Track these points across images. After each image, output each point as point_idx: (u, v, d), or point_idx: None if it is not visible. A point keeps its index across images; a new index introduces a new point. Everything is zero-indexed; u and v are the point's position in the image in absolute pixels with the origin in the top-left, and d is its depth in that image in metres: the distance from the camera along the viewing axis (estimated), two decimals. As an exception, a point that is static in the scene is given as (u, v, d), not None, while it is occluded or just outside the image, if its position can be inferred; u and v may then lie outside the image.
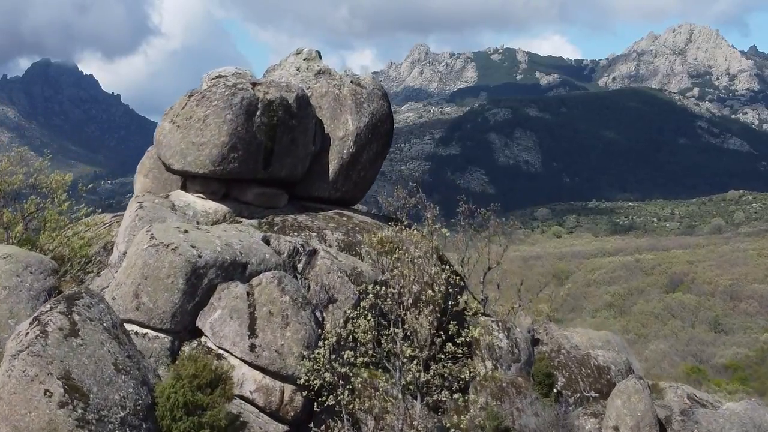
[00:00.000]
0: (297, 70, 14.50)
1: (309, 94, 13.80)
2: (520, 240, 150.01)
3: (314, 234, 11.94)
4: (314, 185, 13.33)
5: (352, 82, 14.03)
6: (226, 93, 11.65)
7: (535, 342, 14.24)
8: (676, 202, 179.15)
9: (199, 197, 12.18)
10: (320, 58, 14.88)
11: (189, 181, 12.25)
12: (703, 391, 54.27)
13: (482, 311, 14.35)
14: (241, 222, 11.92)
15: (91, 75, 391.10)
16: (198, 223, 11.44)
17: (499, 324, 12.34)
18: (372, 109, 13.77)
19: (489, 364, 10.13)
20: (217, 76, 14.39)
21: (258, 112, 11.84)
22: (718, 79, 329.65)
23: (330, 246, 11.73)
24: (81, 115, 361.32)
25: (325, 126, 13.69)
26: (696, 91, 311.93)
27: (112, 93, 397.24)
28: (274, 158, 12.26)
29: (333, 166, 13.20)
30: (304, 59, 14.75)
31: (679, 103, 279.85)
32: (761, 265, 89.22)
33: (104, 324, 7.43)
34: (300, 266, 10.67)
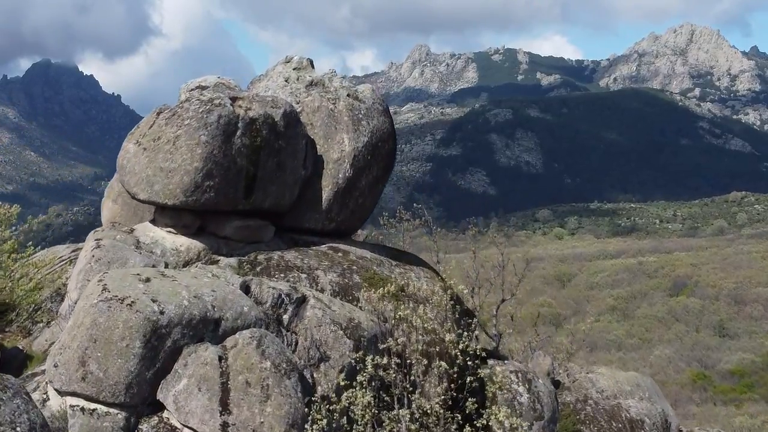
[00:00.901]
0: (285, 81, 12.42)
1: (299, 110, 11.84)
2: (522, 242, 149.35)
3: (304, 275, 10.08)
4: (305, 215, 11.38)
5: (348, 95, 11.99)
6: (201, 110, 9.83)
7: (556, 384, 12.63)
8: (678, 203, 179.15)
9: (170, 232, 10.24)
10: (312, 67, 12.89)
11: (158, 212, 10.44)
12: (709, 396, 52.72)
13: (496, 350, 12.75)
14: (218, 261, 10.09)
15: (91, 75, 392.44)
16: (167, 264, 9.64)
17: (519, 375, 10.62)
18: (372, 127, 11.71)
19: (508, 423, 8.45)
20: (196, 87, 12.66)
21: (238, 133, 10.01)
22: (719, 79, 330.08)
23: (323, 290, 9.90)
24: (81, 116, 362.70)
25: (317, 147, 11.67)
26: (697, 91, 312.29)
27: (113, 93, 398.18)
28: (258, 186, 10.40)
29: (327, 193, 11.29)
30: (294, 69, 12.65)
31: (680, 103, 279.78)
32: (766, 268, 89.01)
33: (17, 430, 5.60)
34: (286, 318, 8.88)
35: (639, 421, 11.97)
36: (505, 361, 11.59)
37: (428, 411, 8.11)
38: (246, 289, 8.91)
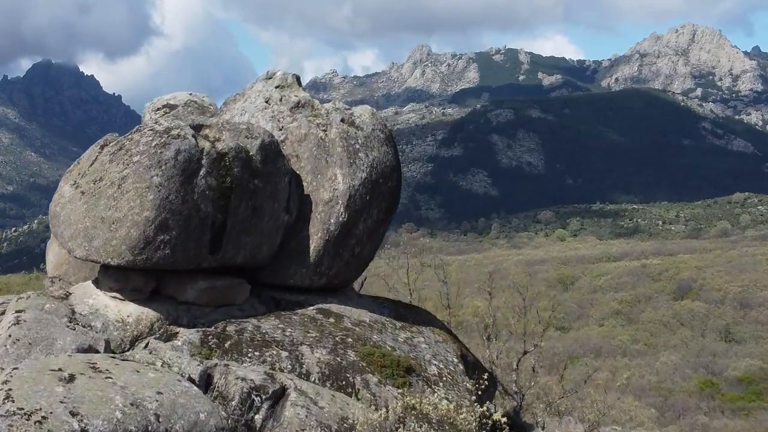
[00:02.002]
0: (266, 102, 10.32)
1: (281, 138, 9.62)
2: (524, 243, 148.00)
3: (285, 353, 7.78)
4: (289, 269, 8.96)
5: (343, 120, 9.77)
6: (154, 143, 7.61)
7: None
8: (681, 204, 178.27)
9: (115, 298, 7.97)
10: (299, 84, 10.67)
11: (101, 272, 8.24)
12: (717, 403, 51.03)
13: (518, 415, 10.74)
14: (176, 334, 7.90)
15: (92, 76, 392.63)
16: (108, 343, 7.54)
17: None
18: (371, 160, 9.63)
19: None
20: (164, 106, 10.60)
21: (202, 172, 7.78)
22: (721, 79, 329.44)
23: (308, 373, 7.62)
24: (82, 116, 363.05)
25: (304, 184, 9.42)
26: (699, 91, 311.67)
27: (113, 94, 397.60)
28: (228, 237, 8.13)
29: (316, 242, 8.95)
30: (277, 87, 10.54)
31: (682, 104, 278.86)
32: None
33: None
34: (258, 420, 6.67)
35: None
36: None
37: None
38: (207, 379, 6.79)
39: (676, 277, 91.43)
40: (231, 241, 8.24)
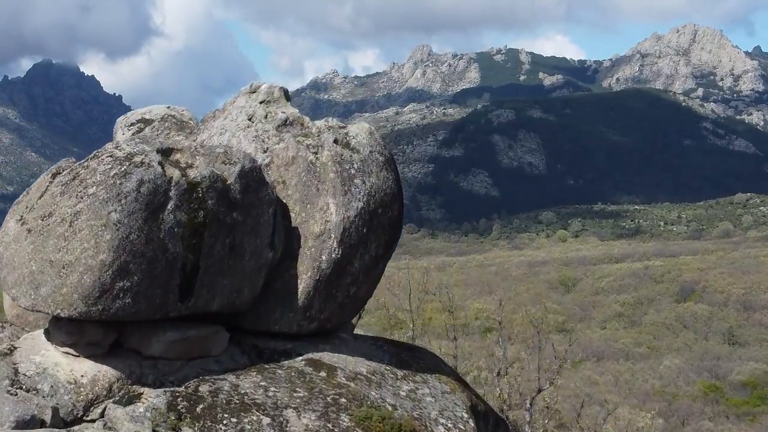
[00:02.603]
0: (249, 120, 8.85)
1: (266, 162, 8.29)
2: (525, 244, 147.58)
3: (267, 420, 6.48)
4: (274, 313, 7.57)
5: (336, 141, 8.38)
6: (114, 173, 6.36)
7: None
8: (683, 205, 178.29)
9: (67, 354, 6.77)
10: (287, 99, 9.21)
11: (52, 322, 7.02)
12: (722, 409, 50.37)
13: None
14: (140, 395, 6.67)
15: (92, 76, 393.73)
16: (57, 412, 6.35)
17: None
18: (369, 187, 8.34)
19: None
20: (138, 120, 9.47)
21: (170, 205, 6.51)
22: (722, 79, 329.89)
23: None
24: (82, 117, 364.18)
25: (292, 215, 8.12)
26: (700, 92, 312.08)
27: (114, 94, 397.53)
28: (201, 281, 6.84)
29: (305, 282, 7.56)
30: (262, 102, 9.10)
31: (683, 104, 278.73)
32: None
33: None
34: None
35: None
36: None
37: None
38: (172, 459, 5.64)
39: (678, 279, 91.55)
40: (205, 286, 6.96)
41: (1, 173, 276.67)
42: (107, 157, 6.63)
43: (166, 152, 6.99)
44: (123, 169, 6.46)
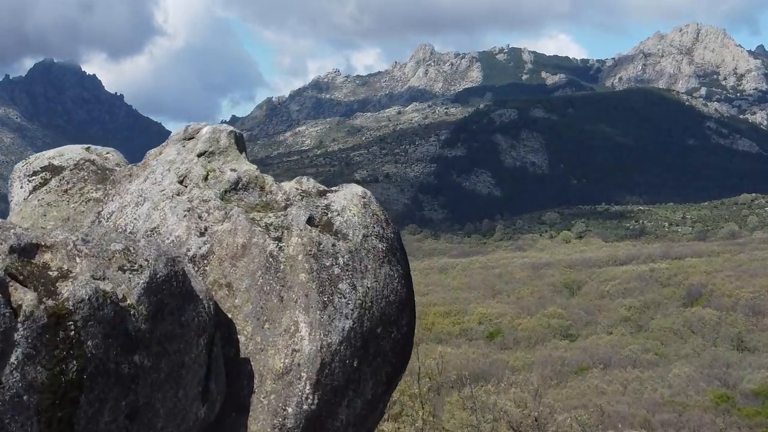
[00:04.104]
0: (180, 182, 6.06)
1: (202, 252, 5.61)
2: (528, 245, 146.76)
3: None
4: None
5: (312, 220, 5.70)
6: None
7: None
8: (687, 206, 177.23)
9: None
10: (240, 148, 6.40)
11: None
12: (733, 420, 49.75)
13: None
14: None
15: (94, 75, 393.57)
16: None
17: None
18: (363, 295, 5.52)
19: None
20: (43, 168, 6.95)
21: (14, 358, 3.78)
22: (725, 79, 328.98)
23: None
24: (84, 116, 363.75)
25: (240, 339, 5.34)
26: (703, 91, 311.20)
27: (115, 93, 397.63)
28: None
29: None
30: (201, 154, 6.23)
31: (687, 103, 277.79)
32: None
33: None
34: None
35: None
36: None
37: None
38: None
39: (685, 283, 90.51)
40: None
41: (1, 173, 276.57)
42: None
43: (25, 252, 4.19)
44: None
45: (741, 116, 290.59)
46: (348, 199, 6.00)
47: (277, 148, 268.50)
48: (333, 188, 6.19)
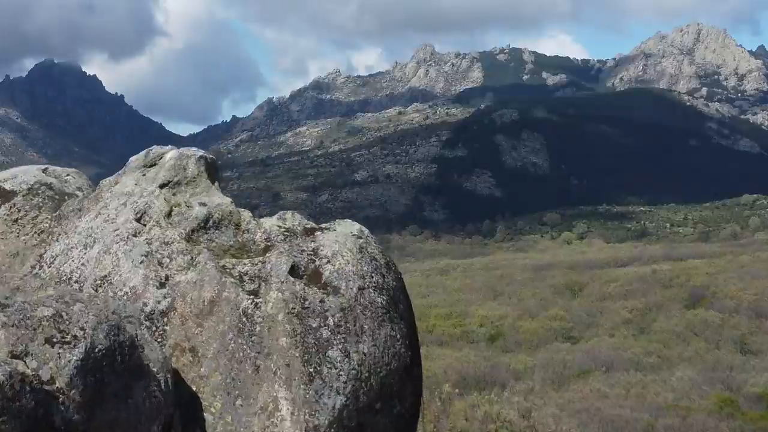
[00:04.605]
0: (136, 219, 4.89)
1: (162, 307, 4.53)
2: (529, 246, 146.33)
3: None
4: None
5: (295, 269, 4.61)
6: None
7: None
8: (689, 207, 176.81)
9: None
10: (212, 177, 5.23)
11: None
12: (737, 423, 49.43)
13: None
14: None
15: (94, 75, 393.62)
16: None
17: None
18: (358, 364, 4.42)
19: None
20: None
21: None
22: (726, 79, 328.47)
23: None
24: (84, 116, 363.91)
25: (207, 418, 4.22)
26: (704, 91, 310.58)
27: (116, 94, 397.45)
28: None
29: None
30: (164, 184, 5.09)
31: (688, 103, 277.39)
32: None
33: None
34: None
35: None
36: None
37: None
38: None
39: (687, 284, 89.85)
40: None
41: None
42: None
43: None
44: None
45: (742, 117, 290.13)
46: (341, 242, 4.93)
47: (277, 149, 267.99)
48: (323, 225, 5.27)
